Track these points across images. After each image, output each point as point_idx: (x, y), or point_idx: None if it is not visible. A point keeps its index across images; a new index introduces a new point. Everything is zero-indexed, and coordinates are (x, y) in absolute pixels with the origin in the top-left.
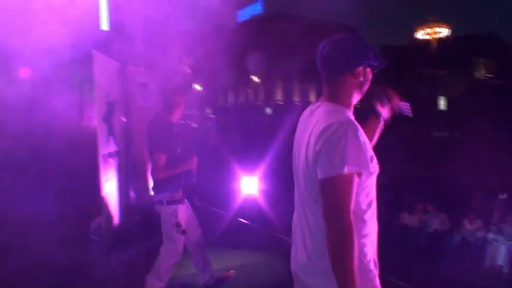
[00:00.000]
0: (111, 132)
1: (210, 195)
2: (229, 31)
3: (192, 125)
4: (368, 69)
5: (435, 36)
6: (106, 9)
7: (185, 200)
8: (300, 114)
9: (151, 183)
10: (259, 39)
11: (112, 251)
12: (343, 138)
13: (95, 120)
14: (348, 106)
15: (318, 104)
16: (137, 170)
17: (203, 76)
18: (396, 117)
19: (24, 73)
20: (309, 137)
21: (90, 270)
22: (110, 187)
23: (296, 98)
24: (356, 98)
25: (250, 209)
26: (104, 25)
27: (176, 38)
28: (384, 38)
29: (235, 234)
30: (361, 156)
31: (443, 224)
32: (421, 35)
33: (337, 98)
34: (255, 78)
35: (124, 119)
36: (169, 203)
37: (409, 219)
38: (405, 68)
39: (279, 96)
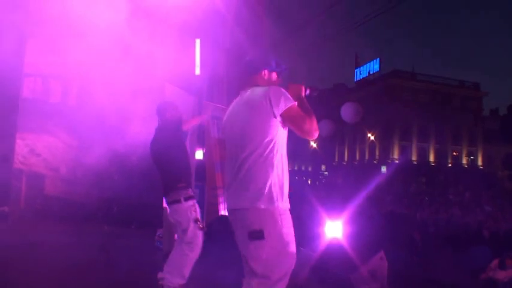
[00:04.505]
0: None
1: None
2: (345, 90)
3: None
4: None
5: None
6: (199, 57)
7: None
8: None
9: None
10: (376, 97)
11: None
12: None
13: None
14: None
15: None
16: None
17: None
18: None
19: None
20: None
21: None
22: None
23: (414, 157)
24: None
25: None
26: (197, 70)
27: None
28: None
29: None
30: None
31: None
32: None
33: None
34: (371, 137)
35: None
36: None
37: (500, 274)
38: None
39: (395, 154)
